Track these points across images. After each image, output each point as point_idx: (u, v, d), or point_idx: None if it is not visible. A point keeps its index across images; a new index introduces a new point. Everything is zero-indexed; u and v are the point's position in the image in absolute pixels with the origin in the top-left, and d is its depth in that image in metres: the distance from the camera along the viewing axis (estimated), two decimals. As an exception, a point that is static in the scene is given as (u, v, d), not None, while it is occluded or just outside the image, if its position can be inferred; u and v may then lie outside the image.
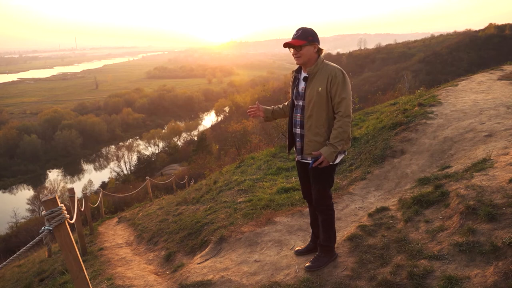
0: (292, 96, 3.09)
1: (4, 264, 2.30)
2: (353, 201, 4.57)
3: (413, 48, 74.18)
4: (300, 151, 3.08)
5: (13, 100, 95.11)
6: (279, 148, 8.37)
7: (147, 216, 7.37)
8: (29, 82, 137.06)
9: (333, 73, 2.86)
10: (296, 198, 4.91)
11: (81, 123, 60.34)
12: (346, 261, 3.13)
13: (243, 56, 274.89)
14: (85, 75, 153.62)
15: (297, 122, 3.05)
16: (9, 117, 69.58)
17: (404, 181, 4.72)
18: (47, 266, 6.14)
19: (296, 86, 3.06)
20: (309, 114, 2.94)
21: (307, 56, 2.88)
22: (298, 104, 3.04)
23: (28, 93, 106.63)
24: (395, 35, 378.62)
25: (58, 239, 2.40)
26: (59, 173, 51.80)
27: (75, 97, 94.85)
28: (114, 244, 6.25)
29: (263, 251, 3.74)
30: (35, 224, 21.71)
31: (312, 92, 2.90)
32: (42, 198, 2.48)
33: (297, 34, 2.85)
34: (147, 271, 4.29)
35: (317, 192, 3.04)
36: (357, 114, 9.50)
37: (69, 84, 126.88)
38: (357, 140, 6.68)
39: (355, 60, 75.21)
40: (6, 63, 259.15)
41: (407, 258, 2.90)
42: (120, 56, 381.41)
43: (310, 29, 2.87)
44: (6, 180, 47.90)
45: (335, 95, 2.87)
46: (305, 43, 2.84)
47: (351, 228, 3.70)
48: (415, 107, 6.95)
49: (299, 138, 3.06)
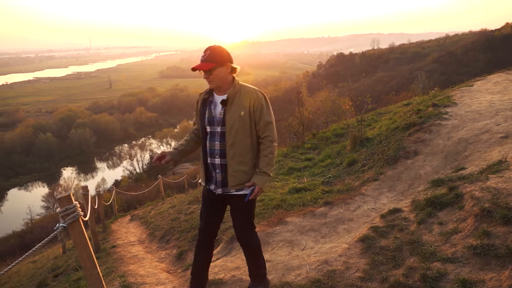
0: (204, 122, 2.71)
1: (20, 260, 2.34)
2: (365, 202, 4.53)
3: (428, 48, 73.18)
4: (221, 183, 2.70)
5: (29, 99, 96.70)
6: (290, 148, 8.35)
7: (159, 215, 7.43)
8: (44, 81, 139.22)
9: (255, 95, 2.65)
10: (308, 198, 4.89)
11: (95, 122, 61.03)
12: (358, 262, 3.11)
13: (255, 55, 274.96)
14: (99, 75, 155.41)
15: (216, 152, 2.66)
16: (25, 116, 70.76)
17: (418, 182, 4.67)
18: (61, 263, 6.23)
19: (209, 111, 2.69)
20: (232, 142, 2.61)
21: (220, 78, 2.59)
22: (214, 131, 2.67)
23: (43, 92, 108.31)
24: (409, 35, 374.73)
25: (72, 236, 2.42)
26: (73, 171, 52.48)
27: (89, 96, 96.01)
28: (126, 241, 6.32)
29: (274, 251, 3.74)
30: (49, 221, 22.05)
31: (234, 117, 2.59)
32: (57, 195, 2.52)
33: (204, 56, 2.55)
34: (159, 269, 4.32)
35: (246, 224, 2.84)
36: (370, 114, 9.42)
37: (84, 83, 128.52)
38: (369, 141, 6.63)
39: (368, 60, 74.57)
40: (22, 62, 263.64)
41: (420, 260, 2.87)
42: (133, 55, 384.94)
43: (219, 48, 2.59)
44: (22, 178, 48.74)
45: (260, 119, 2.65)
46: (215, 66, 2.54)
47: (363, 229, 3.68)
48: (429, 107, 6.87)
49: (219, 169, 2.68)
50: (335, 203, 4.60)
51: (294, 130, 9.43)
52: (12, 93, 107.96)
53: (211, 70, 2.54)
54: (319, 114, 11.92)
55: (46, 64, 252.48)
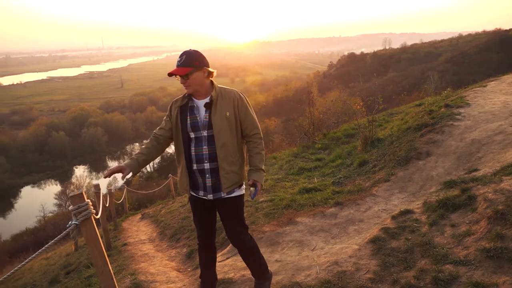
0: (186, 129, 2.65)
1: (33, 256, 2.37)
2: (376, 203, 4.50)
3: (440, 48, 72.31)
4: (212, 188, 2.68)
5: (42, 98, 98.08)
6: (301, 148, 8.33)
7: (169, 213, 7.47)
8: (57, 80, 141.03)
9: (237, 95, 2.69)
10: (318, 198, 4.88)
11: (106, 121, 61.65)
12: (369, 263, 3.09)
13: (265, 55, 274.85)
14: (111, 74, 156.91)
15: (204, 156, 2.63)
16: (38, 114, 71.76)
17: (429, 183, 4.62)
18: (73, 260, 6.31)
19: (191, 116, 2.64)
20: (222, 143, 2.61)
21: (196, 83, 2.57)
22: (200, 136, 2.63)
23: (56, 91, 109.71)
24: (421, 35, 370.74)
25: (84, 234, 2.45)
26: (85, 169, 53.09)
27: (101, 96, 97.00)
28: (137, 240, 6.37)
29: (284, 251, 3.74)
30: (61, 219, 22.30)
31: (221, 119, 2.60)
32: (70, 193, 2.55)
33: (180, 61, 2.53)
34: (169, 268, 4.35)
35: (241, 227, 2.84)
36: (381, 114, 9.35)
37: (96, 82, 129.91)
38: (380, 141, 6.58)
39: (380, 60, 73.97)
40: (36, 62, 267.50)
41: (431, 262, 2.84)
42: (145, 55, 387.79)
43: (195, 52, 2.57)
44: (35, 176, 49.46)
45: (245, 118, 2.69)
46: (192, 70, 2.52)
47: (373, 230, 3.65)
48: (442, 108, 6.79)
49: (209, 174, 2.65)
50: (346, 203, 4.58)
51: (305, 130, 9.40)
52: (26, 92, 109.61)
53: (188, 74, 2.52)
54: (329, 114, 11.85)
55: (59, 63, 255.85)
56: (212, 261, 3.06)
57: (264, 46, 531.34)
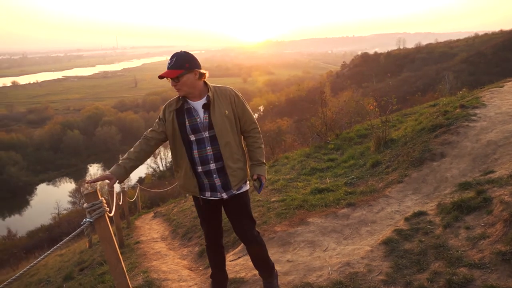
0: (185, 132, 2.61)
1: (48, 253, 2.40)
2: (389, 204, 4.46)
3: (455, 48, 71.26)
4: (222, 187, 2.68)
5: (58, 97, 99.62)
6: (313, 148, 8.30)
7: (181, 212, 7.52)
8: (73, 80, 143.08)
9: (232, 93, 2.69)
10: (330, 199, 4.85)
11: (120, 120, 62.37)
12: (381, 265, 3.07)
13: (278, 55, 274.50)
14: (125, 74, 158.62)
15: (209, 157, 2.61)
16: (54, 113, 72.93)
17: (444, 185, 4.56)
18: (86, 257, 6.40)
19: (190, 118, 2.61)
20: (226, 142, 2.61)
21: (188, 85, 2.53)
22: (202, 137, 2.61)
23: (72, 90, 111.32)
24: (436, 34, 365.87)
25: (98, 231, 2.48)
26: (99, 167, 53.77)
27: (115, 95, 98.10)
28: (149, 238, 6.42)
29: (296, 251, 3.73)
30: (75, 216, 22.65)
31: (221, 118, 2.59)
32: (84, 191, 2.58)
33: (171, 63, 2.50)
34: (181, 266, 4.38)
35: (250, 222, 2.84)
36: (395, 115, 9.26)
37: (110, 82, 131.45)
38: (394, 142, 6.51)
39: (394, 60, 73.25)
40: (52, 61, 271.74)
41: (445, 265, 2.81)
42: (158, 55, 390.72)
43: (186, 54, 2.54)
44: (50, 173, 50.32)
45: (243, 114, 2.71)
46: (182, 72, 2.48)
47: (386, 232, 3.62)
48: (457, 109, 6.69)
49: (216, 174, 2.64)
50: (358, 204, 4.55)
51: (317, 130, 9.35)
52: (42, 91, 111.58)
53: (178, 77, 2.49)
54: (342, 114, 11.77)
55: (74, 63, 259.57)
56: (222, 260, 3.07)
57: (277, 45, 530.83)
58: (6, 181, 43.94)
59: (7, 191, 43.67)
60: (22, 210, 42.90)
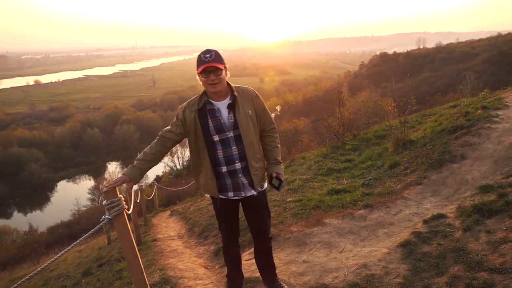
0: (209, 132, 2.60)
1: (68, 249, 2.45)
2: (407, 206, 4.40)
3: (477, 48, 69.56)
4: (247, 186, 2.71)
5: (78, 95, 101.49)
6: (330, 148, 8.24)
7: (198, 211, 7.56)
8: (93, 79, 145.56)
9: (253, 93, 2.72)
10: (347, 200, 4.81)
11: (138, 118, 63.20)
12: (398, 268, 3.03)
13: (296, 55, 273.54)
14: (144, 73, 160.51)
15: (235, 157, 2.62)
16: (74, 112, 74.35)
17: (464, 188, 4.47)
18: (105, 253, 6.50)
19: (213, 119, 2.60)
20: (250, 141, 2.63)
21: (223, 82, 2.55)
22: (226, 137, 2.61)
23: (92, 89, 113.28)
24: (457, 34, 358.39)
25: (117, 228, 2.51)
26: (117, 165, 54.57)
27: (134, 94, 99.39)
28: (166, 236, 6.49)
29: (312, 252, 3.71)
30: (94, 213, 23.04)
31: (246, 117, 2.61)
32: (103, 188, 2.62)
33: (211, 57, 2.47)
34: (197, 264, 4.40)
35: (269, 220, 2.92)
36: (414, 116, 9.11)
37: (129, 81, 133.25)
38: (413, 143, 6.41)
39: (413, 60, 72.04)
40: (74, 61, 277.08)
41: (465, 269, 2.75)
42: (176, 54, 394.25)
43: (219, 52, 2.56)
44: (70, 170, 51.35)
45: (263, 114, 2.75)
46: (223, 67, 2.52)
47: (404, 234, 3.57)
48: (478, 110, 6.55)
49: (242, 173, 2.66)
50: (376, 206, 4.50)
51: (334, 131, 9.28)
52: (63, 89, 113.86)
53: (222, 70, 2.52)
54: (360, 114, 11.65)
55: (95, 62, 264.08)
56: (239, 260, 3.10)
57: (294, 45, 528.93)
58: (28, 177, 45.10)
59: (29, 188, 44.80)
60: (43, 206, 43.94)
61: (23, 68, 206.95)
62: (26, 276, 2.31)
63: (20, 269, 12.30)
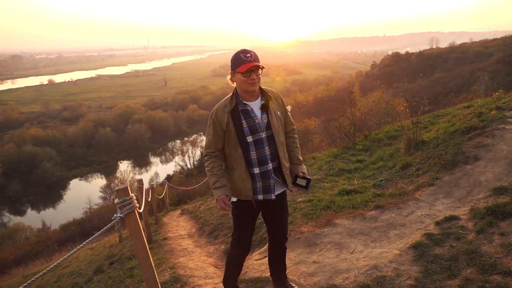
0: (243, 133, 2.57)
1: (80, 246, 2.48)
2: (419, 207, 4.36)
3: (492, 47, 68.39)
4: (283, 184, 2.74)
5: (91, 95, 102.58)
6: (341, 149, 8.20)
7: (208, 210, 7.59)
8: (105, 78, 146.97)
9: (279, 95, 2.77)
10: (358, 201, 4.78)
11: (150, 118, 63.63)
12: (410, 269, 3.00)
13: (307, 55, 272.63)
14: (155, 73, 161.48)
15: (268, 157, 2.62)
16: (87, 111, 75.16)
17: (477, 189, 4.41)
18: (116, 251, 6.56)
19: (247, 119, 2.58)
20: (281, 142, 2.67)
21: (260, 81, 2.57)
22: (259, 138, 2.60)
23: (104, 89, 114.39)
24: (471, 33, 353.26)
25: (128, 227, 2.53)
26: (129, 164, 55.05)
27: (145, 93, 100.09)
28: (177, 234, 6.52)
29: (322, 253, 3.70)
30: (106, 211, 23.26)
31: (276, 118, 2.65)
32: (115, 187, 2.64)
33: (251, 57, 2.48)
34: (207, 263, 4.42)
35: (287, 220, 2.95)
36: (426, 116, 9.01)
37: (141, 80, 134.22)
38: (425, 144, 6.35)
39: (426, 59, 71.18)
40: (86, 60, 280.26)
41: (478, 272, 2.72)
42: (188, 54, 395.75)
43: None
44: (82, 169, 51.96)
45: (286, 115, 2.80)
46: (262, 67, 2.52)
47: (416, 236, 3.54)
48: (492, 110, 6.46)
49: (274, 174, 2.67)
50: (387, 207, 4.46)
51: (345, 131, 9.23)
52: (76, 89, 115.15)
53: (260, 71, 2.54)
54: (371, 115, 11.57)
55: (107, 62, 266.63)
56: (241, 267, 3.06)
57: (305, 45, 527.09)
58: (42, 176, 45.74)
59: (43, 186, 45.46)
60: (55, 204, 44.55)
61: (37, 68, 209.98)
62: (39, 273, 2.34)
63: (33, 266, 12.50)
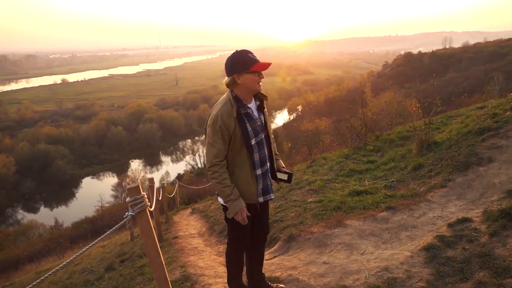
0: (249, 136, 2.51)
1: (92, 244, 2.50)
2: (431, 209, 4.31)
3: (506, 47, 67.14)
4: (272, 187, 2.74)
5: (103, 94, 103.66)
6: (352, 149, 8.15)
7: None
8: (117, 78, 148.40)
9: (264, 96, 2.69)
10: (369, 202, 4.75)
11: (161, 117, 64.11)
12: (421, 271, 2.97)
13: (318, 54, 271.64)
14: (167, 72, 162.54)
15: (266, 158, 2.62)
16: (99, 110, 75.99)
17: (491, 191, 4.34)
18: (127, 249, 6.62)
19: (250, 122, 2.52)
20: (273, 140, 2.69)
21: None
22: (261, 139, 2.58)
23: (116, 88, 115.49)
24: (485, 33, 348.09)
25: (139, 225, 2.55)
26: (140, 163, 55.50)
27: (157, 93, 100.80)
28: (187, 233, 6.56)
29: (332, 254, 3.68)
30: (117, 209, 23.50)
31: (268, 117, 2.67)
32: (127, 186, 2.67)
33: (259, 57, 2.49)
34: (217, 262, 4.43)
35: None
36: (439, 117, 8.91)
37: (152, 80, 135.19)
38: (437, 145, 6.28)
39: (439, 60, 70.33)
40: (99, 60, 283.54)
41: (491, 275, 2.68)
42: (199, 54, 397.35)
43: None
44: (94, 167, 52.55)
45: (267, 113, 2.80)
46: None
47: (428, 238, 3.50)
48: (507, 111, 6.35)
49: (270, 174, 2.67)
50: (398, 208, 4.42)
51: (356, 131, 9.17)
52: (89, 88, 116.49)
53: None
54: (383, 115, 11.48)
55: (119, 61, 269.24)
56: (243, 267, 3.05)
57: (317, 45, 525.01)
58: (55, 173, 46.40)
59: (55, 183, 46.09)
60: (68, 201, 45.14)
61: (51, 67, 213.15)
62: (52, 270, 2.37)
63: (46, 263, 12.68)
